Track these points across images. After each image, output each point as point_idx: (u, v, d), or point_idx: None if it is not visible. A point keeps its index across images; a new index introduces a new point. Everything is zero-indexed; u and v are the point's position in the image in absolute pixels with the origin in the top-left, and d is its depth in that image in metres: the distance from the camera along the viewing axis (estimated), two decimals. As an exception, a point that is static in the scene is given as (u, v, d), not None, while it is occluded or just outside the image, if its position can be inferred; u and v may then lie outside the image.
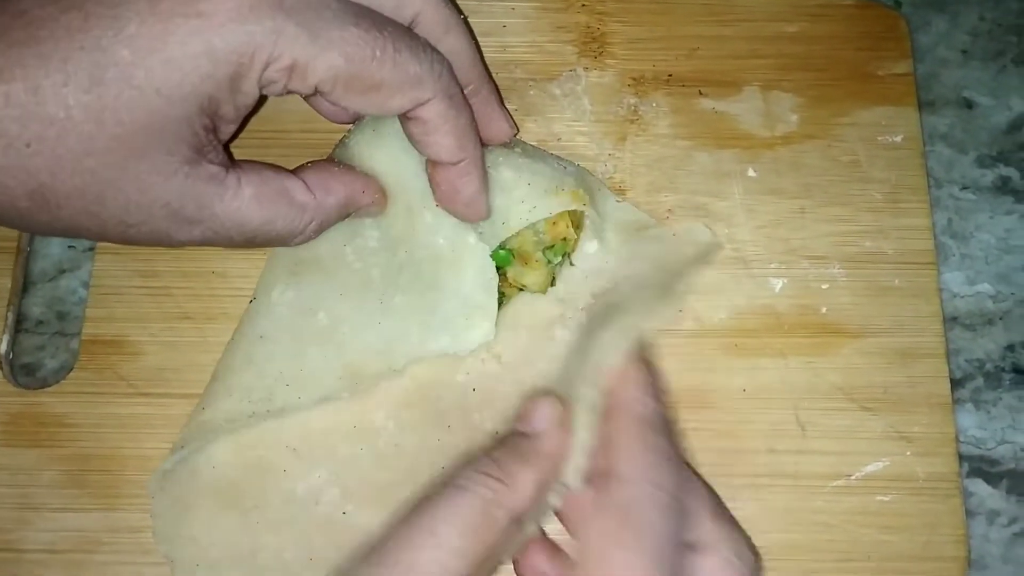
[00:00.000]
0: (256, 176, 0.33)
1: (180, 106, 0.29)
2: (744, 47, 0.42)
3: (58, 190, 0.29)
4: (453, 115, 0.33)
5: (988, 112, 0.43)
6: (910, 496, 0.37)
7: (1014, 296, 0.41)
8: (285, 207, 0.33)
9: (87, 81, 0.28)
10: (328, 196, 0.34)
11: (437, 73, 0.32)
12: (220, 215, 0.32)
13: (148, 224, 0.31)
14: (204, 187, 0.31)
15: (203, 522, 0.35)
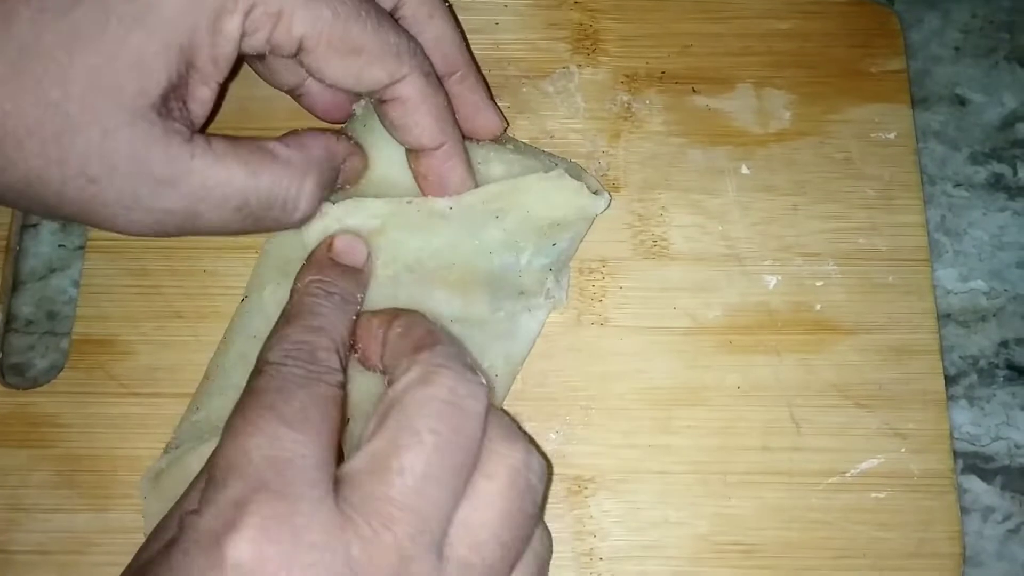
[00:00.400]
0: (226, 139, 0.31)
1: (159, 39, 0.28)
2: (737, 44, 0.42)
3: (17, 124, 0.27)
4: (431, 93, 0.33)
5: (981, 109, 0.43)
6: (905, 493, 0.37)
7: (1007, 293, 0.41)
8: (269, 162, 0.31)
9: (64, 6, 0.27)
10: (308, 149, 0.33)
11: (413, 50, 0.32)
12: (196, 173, 0.30)
13: (112, 179, 0.29)
14: (172, 138, 0.29)
15: None
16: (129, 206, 0.29)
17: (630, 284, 0.39)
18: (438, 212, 0.35)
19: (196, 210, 0.30)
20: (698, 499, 0.36)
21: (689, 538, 0.36)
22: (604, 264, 0.39)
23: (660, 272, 0.39)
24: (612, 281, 0.39)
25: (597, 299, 0.39)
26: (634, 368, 0.38)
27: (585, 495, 0.36)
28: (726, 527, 0.36)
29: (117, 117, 0.28)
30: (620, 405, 0.37)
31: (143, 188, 0.29)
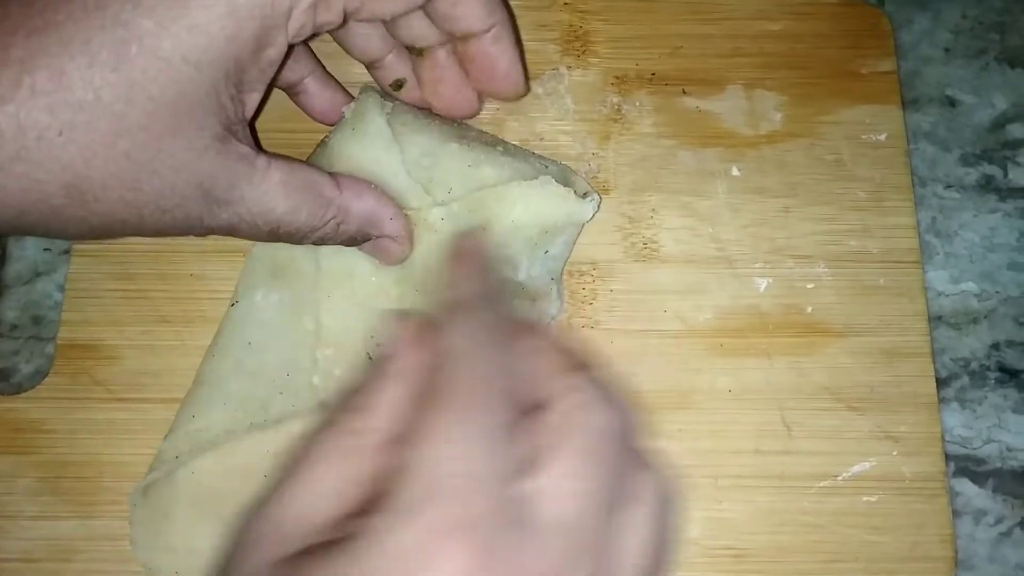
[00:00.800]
0: (284, 163, 0.32)
1: (208, 73, 0.28)
2: (727, 45, 0.42)
3: (93, 179, 0.28)
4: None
5: (971, 110, 0.43)
6: (897, 496, 0.36)
7: (998, 295, 0.41)
8: (312, 198, 0.32)
9: (113, 59, 0.27)
10: (356, 200, 0.34)
11: None
12: (248, 198, 0.31)
13: (182, 208, 0.30)
14: (235, 165, 0.30)
15: (182, 530, 0.34)
16: (188, 227, 0.31)
17: (620, 287, 0.39)
18: (430, 224, 0.35)
19: (235, 225, 0.32)
20: (690, 503, 0.36)
21: (680, 543, 0.36)
22: (594, 267, 0.39)
23: (650, 275, 0.39)
24: (602, 284, 0.39)
25: (587, 302, 0.38)
26: (625, 371, 0.37)
27: (576, 500, 0.36)
28: (717, 531, 0.36)
29: (185, 155, 0.29)
30: (611, 409, 0.37)
31: (205, 210, 0.31)
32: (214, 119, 0.29)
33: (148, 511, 0.34)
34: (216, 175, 0.30)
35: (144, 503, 0.34)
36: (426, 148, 0.36)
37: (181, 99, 0.28)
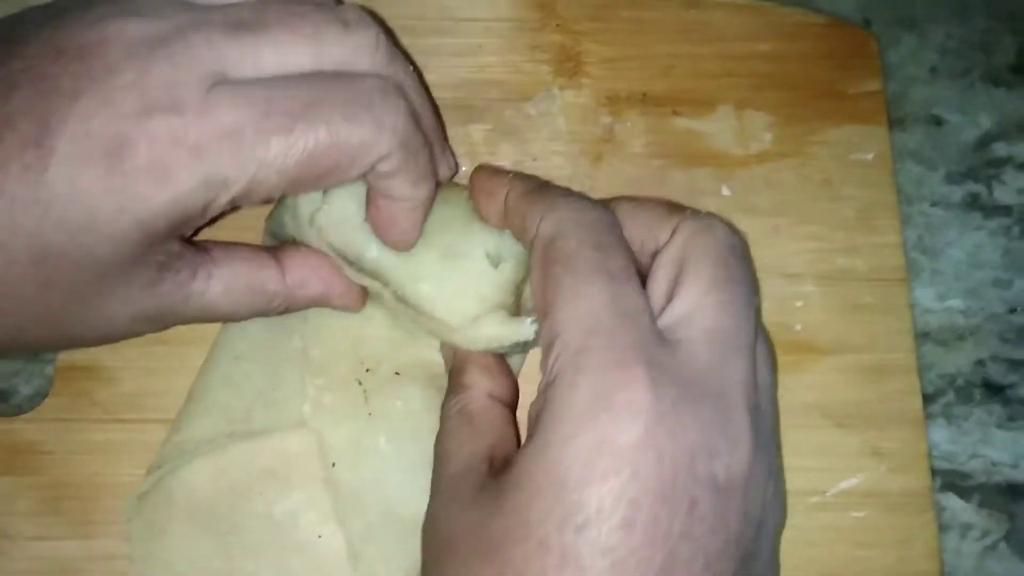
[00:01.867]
0: (228, 268, 0.32)
1: (127, 260, 0.28)
2: (718, 66, 0.43)
3: (25, 312, 0.29)
4: (411, 162, 0.31)
5: (957, 129, 0.44)
6: (884, 512, 0.37)
7: (984, 311, 0.41)
8: (254, 297, 0.33)
9: (35, 227, 0.27)
10: (301, 289, 0.34)
11: (390, 127, 0.30)
12: (188, 313, 0.32)
13: (113, 335, 0.31)
14: (169, 297, 0.31)
15: (179, 546, 0.35)
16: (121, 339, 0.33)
17: (613, 306, 0.39)
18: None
19: (172, 325, 0.33)
20: (681, 520, 0.37)
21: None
22: (587, 286, 0.39)
23: (642, 294, 0.39)
24: (595, 303, 0.39)
25: (580, 321, 0.39)
26: (617, 390, 0.38)
27: (569, 517, 0.37)
28: (709, 547, 0.37)
29: (112, 304, 0.30)
30: (604, 427, 0.38)
31: (138, 329, 0.32)
32: (145, 271, 0.29)
33: (144, 527, 0.35)
34: (148, 310, 0.30)
35: (140, 519, 0.35)
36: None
37: (111, 268, 0.28)
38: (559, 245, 0.29)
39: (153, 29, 0.28)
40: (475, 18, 0.42)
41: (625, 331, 0.27)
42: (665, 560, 0.25)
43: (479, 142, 0.41)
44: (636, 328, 0.27)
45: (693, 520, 0.26)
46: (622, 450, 0.25)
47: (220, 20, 0.28)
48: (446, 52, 0.42)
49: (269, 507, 0.35)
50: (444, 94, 0.41)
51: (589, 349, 0.27)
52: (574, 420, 0.26)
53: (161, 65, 0.27)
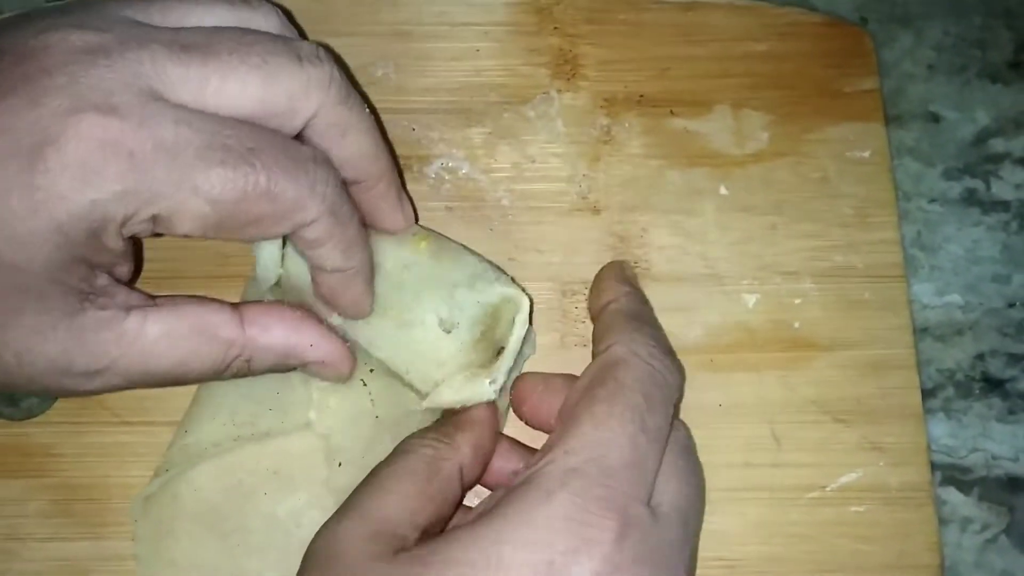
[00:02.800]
0: (169, 312, 0.30)
1: (42, 273, 0.26)
2: (714, 66, 0.43)
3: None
4: (339, 231, 0.30)
5: (954, 125, 0.44)
6: (884, 506, 0.37)
7: (982, 306, 0.41)
8: (205, 344, 0.30)
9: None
10: (263, 335, 0.31)
11: (320, 194, 0.29)
12: (121, 361, 0.29)
13: (36, 381, 0.28)
14: (95, 336, 0.28)
15: (184, 546, 0.35)
16: (55, 394, 0.31)
17: (612, 305, 0.40)
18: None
19: (115, 386, 0.30)
20: (682, 516, 0.37)
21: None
22: (586, 286, 0.40)
23: (641, 293, 0.40)
24: (594, 303, 0.40)
25: (580, 320, 0.39)
26: (617, 388, 0.38)
27: (571, 514, 0.37)
28: (709, 543, 0.37)
29: (28, 338, 0.27)
30: (604, 425, 0.38)
31: (67, 381, 0.29)
32: (60, 301, 0.27)
33: (151, 527, 0.36)
34: (71, 352, 0.28)
35: (146, 520, 0.35)
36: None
37: (15, 293, 0.27)
38: (618, 373, 0.30)
39: (96, 40, 0.27)
40: (472, 22, 0.43)
41: (625, 480, 0.28)
42: None
43: (478, 145, 0.41)
44: (635, 483, 0.28)
45: None
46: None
47: (168, 39, 0.28)
48: (444, 56, 0.42)
49: (273, 507, 0.35)
50: (442, 98, 0.42)
51: (585, 475, 0.27)
52: (534, 531, 0.26)
53: (99, 71, 0.26)
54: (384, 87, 0.42)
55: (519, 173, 0.41)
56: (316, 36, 0.42)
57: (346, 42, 0.42)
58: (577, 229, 0.40)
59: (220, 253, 0.39)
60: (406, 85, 0.42)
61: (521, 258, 0.40)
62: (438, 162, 0.41)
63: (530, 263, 0.40)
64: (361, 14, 0.43)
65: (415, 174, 0.41)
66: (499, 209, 0.41)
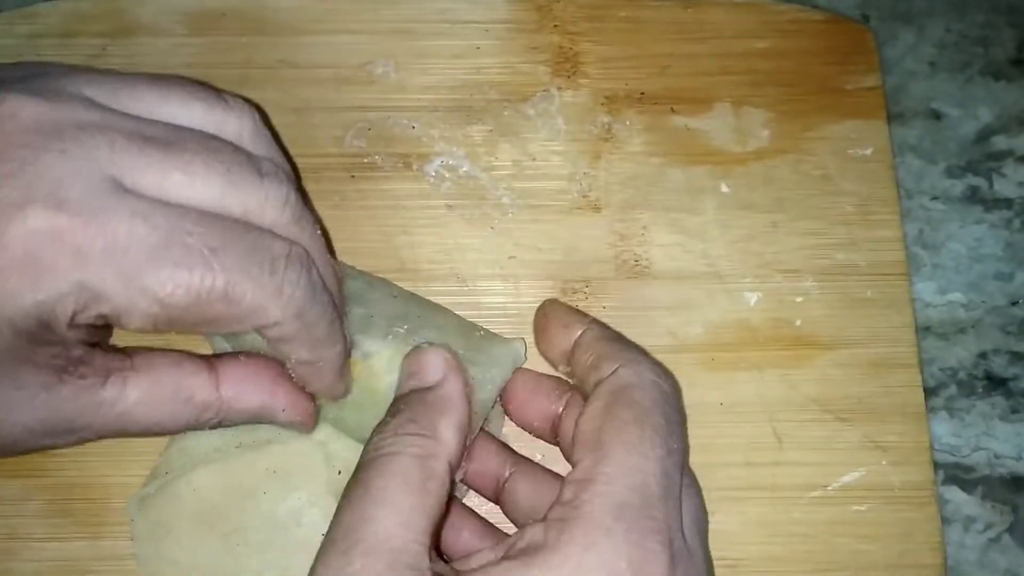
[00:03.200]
0: (147, 376, 0.29)
1: (8, 356, 0.26)
2: (715, 64, 0.43)
3: None
4: (305, 332, 0.29)
5: (956, 123, 0.44)
6: (886, 505, 0.37)
7: (985, 304, 0.41)
8: (181, 407, 0.30)
9: None
10: (237, 402, 0.31)
11: (287, 296, 0.28)
12: (98, 424, 0.28)
13: (12, 445, 0.28)
14: (74, 403, 0.27)
15: (184, 545, 0.35)
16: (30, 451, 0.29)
17: (612, 304, 0.39)
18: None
19: (85, 441, 0.30)
20: (683, 515, 0.37)
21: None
22: (587, 284, 0.40)
23: (642, 291, 0.40)
24: (595, 301, 0.39)
25: (581, 319, 0.39)
26: (618, 387, 0.38)
27: (571, 513, 0.37)
28: (711, 542, 0.36)
29: (4, 410, 0.27)
30: (605, 424, 0.38)
31: (46, 441, 0.29)
32: (35, 375, 0.27)
33: (151, 527, 0.35)
34: (50, 419, 0.27)
35: (145, 519, 0.35)
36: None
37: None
38: (635, 396, 0.30)
39: (52, 116, 0.25)
40: (473, 20, 0.43)
41: (664, 509, 0.28)
42: None
43: (479, 143, 0.41)
44: (672, 512, 0.29)
45: None
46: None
47: (131, 128, 0.26)
48: (445, 54, 0.42)
49: (273, 507, 0.35)
50: (443, 95, 0.42)
51: (633, 507, 0.28)
52: (599, 567, 0.26)
53: (52, 157, 0.25)
54: (384, 85, 0.42)
55: (520, 171, 0.41)
56: (317, 34, 0.42)
57: (347, 40, 0.42)
58: (578, 227, 0.40)
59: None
60: (406, 83, 0.42)
61: (522, 256, 0.40)
62: (438, 160, 0.41)
63: (531, 261, 0.40)
64: (362, 11, 0.43)
65: (415, 172, 0.41)
66: (499, 207, 0.40)
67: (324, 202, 0.40)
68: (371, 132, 0.41)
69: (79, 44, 0.42)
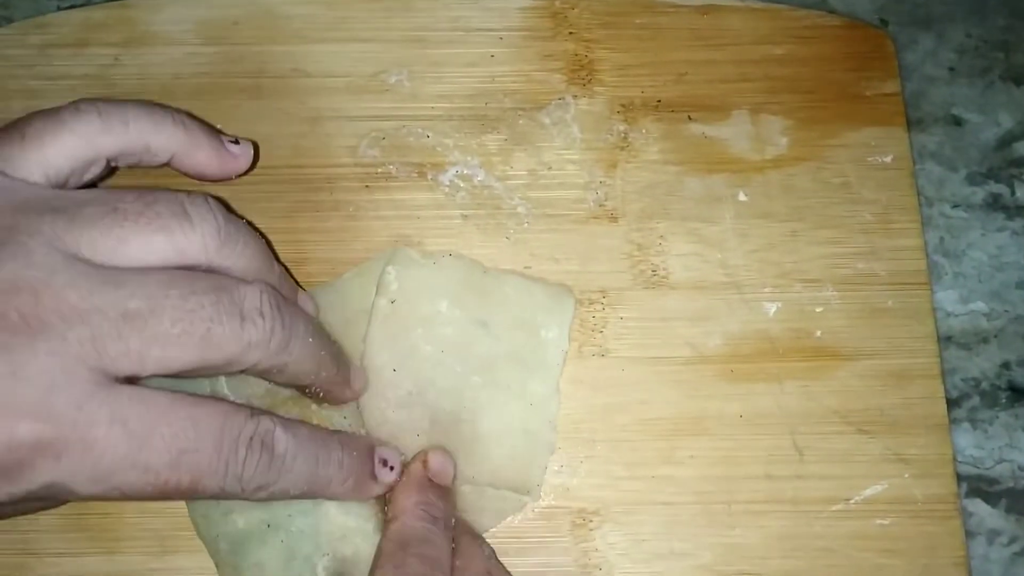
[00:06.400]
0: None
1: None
2: (732, 71, 0.42)
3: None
4: (284, 369, 0.31)
5: (977, 129, 0.43)
6: (909, 519, 0.37)
7: (1008, 313, 0.41)
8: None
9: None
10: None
11: (263, 341, 0.30)
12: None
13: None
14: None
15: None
16: None
17: (630, 314, 0.39)
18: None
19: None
20: (702, 529, 0.37)
21: (694, 569, 0.36)
22: (604, 295, 0.39)
23: (660, 301, 0.39)
24: (612, 312, 0.39)
25: (598, 330, 0.39)
26: (636, 399, 0.38)
27: (590, 528, 0.37)
28: (731, 557, 0.36)
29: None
30: (623, 436, 0.37)
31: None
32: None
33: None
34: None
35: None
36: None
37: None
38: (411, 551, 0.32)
39: (33, 311, 0.26)
40: (487, 28, 0.42)
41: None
42: None
43: (493, 152, 0.41)
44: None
45: None
46: None
47: (110, 305, 0.27)
48: (459, 62, 0.42)
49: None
50: (457, 104, 0.41)
51: None
52: None
53: (40, 360, 0.26)
54: (398, 94, 0.41)
55: (535, 180, 0.41)
56: (330, 42, 0.42)
57: (360, 48, 0.42)
58: (594, 237, 0.40)
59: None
60: (420, 92, 0.41)
61: (537, 267, 0.39)
62: (453, 169, 0.41)
63: (547, 272, 0.39)
64: (375, 20, 0.42)
65: (429, 182, 0.40)
66: (515, 217, 0.40)
67: (338, 212, 0.40)
68: (385, 141, 0.41)
69: (92, 54, 0.42)
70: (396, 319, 0.38)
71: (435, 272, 0.38)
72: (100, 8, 0.43)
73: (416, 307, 0.38)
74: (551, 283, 0.39)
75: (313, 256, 0.39)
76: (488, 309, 0.38)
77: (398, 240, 0.39)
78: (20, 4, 0.44)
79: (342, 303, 0.38)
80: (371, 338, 0.37)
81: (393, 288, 0.38)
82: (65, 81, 0.41)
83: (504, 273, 0.39)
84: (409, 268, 0.38)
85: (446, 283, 0.38)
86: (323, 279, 0.39)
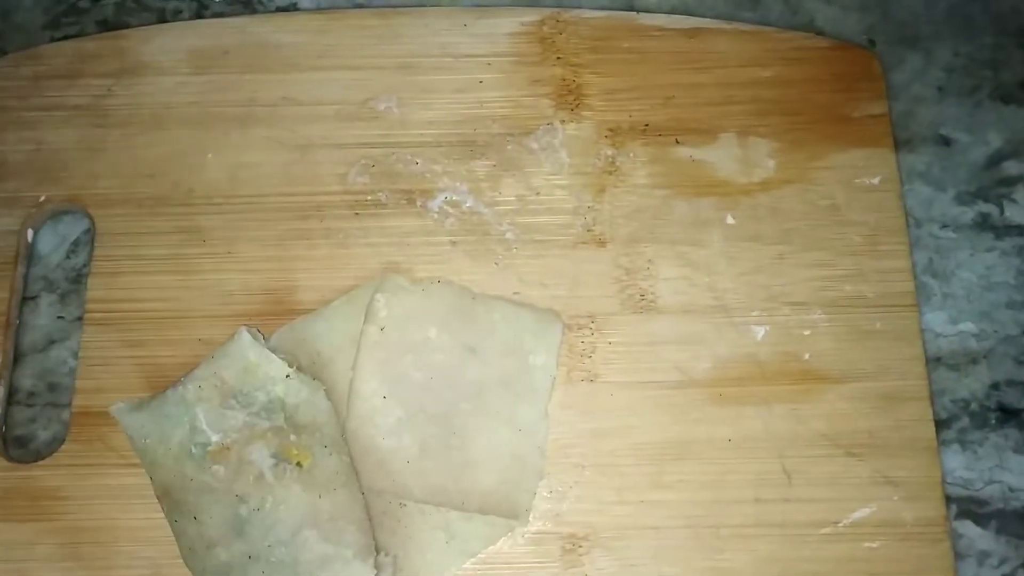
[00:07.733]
0: None
1: None
2: (719, 94, 0.42)
3: None
4: None
5: (965, 149, 0.43)
6: (898, 542, 0.37)
7: (997, 334, 0.41)
8: None
9: None
10: None
11: None
12: None
13: None
14: None
15: None
16: None
17: (619, 339, 0.39)
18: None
19: None
20: (692, 554, 0.37)
21: (684, 593, 0.36)
22: (592, 320, 0.39)
23: (648, 326, 0.39)
24: (601, 336, 0.39)
25: (586, 355, 0.39)
26: (625, 424, 0.38)
27: (579, 553, 0.37)
28: (720, 582, 0.36)
29: None
30: (612, 461, 0.38)
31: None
32: None
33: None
34: None
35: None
36: None
37: None
38: None
39: None
40: (475, 54, 0.43)
41: None
42: None
43: (482, 178, 0.41)
44: None
45: None
46: None
47: None
48: (448, 88, 0.42)
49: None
50: (446, 130, 0.42)
51: None
52: None
53: None
54: (387, 121, 0.42)
55: (523, 206, 0.41)
56: (320, 70, 0.42)
57: (349, 76, 0.42)
58: (582, 262, 0.40)
59: (223, 291, 0.39)
60: (409, 118, 0.42)
61: (526, 292, 0.40)
62: (442, 196, 0.41)
63: (535, 297, 0.40)
64: (364, 48, 0.43)
65: (419, 208, 0.41)
66: (503, 243, 0.40)
67: (328, 240, 0.40)
68: (374, 168, 0.41)
69: (84, 84, 0.42)
70: (386, 346, 0.38)
71: (424, 299, 0.39)
72: (92, 39, 0.43)
73: (405, 334, 0.38)
74: (539, 308, 0.39)
75: (303, 284, 0.39)
76: (477, 335, 0.38)
77: (387, 267, 0.40)
78: (13, 35, 0.45)
79: (332, 331, 0.38)
80: (361, 365, 0.37)
81: (382, 315, 0.38)
82: (58, 112, 0.42)
83: (493, 299, 0.39)
84: (398, 295, 0.38)
85: (435, 309, 0.39)
86: (313, 307, 0.39)
